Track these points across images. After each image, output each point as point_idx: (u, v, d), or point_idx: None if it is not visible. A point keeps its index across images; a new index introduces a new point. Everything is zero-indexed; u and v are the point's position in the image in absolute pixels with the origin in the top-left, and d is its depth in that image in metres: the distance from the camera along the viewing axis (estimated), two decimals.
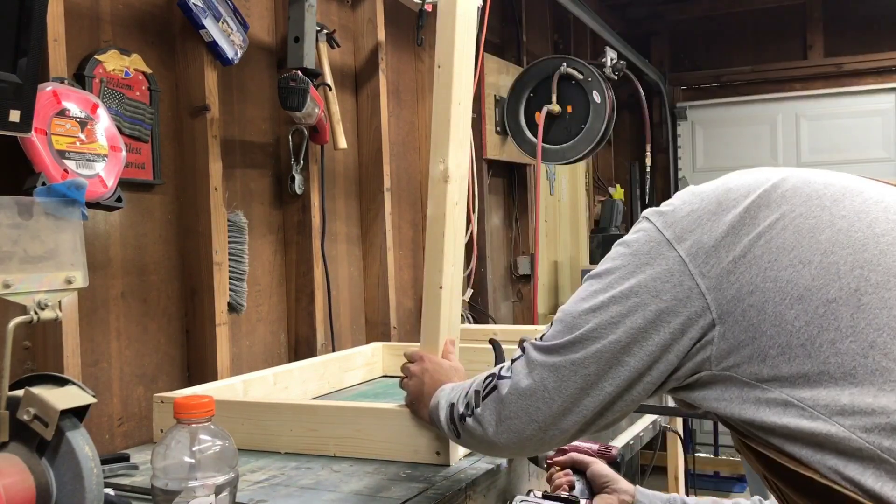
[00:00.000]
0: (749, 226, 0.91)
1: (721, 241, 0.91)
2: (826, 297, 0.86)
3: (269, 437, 1.56)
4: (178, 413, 1.10)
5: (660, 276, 0.93)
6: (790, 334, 0.87)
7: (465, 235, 3.10)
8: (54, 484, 1.03)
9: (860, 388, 0.84)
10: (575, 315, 1.00)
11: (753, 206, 0.92)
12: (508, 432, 1.08)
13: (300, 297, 2.31)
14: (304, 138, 2.27)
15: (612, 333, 0.96)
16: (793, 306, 0.87)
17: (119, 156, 1.64)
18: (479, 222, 3.26)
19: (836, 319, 0.85)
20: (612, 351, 0.97)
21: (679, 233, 0.94)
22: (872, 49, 5.04)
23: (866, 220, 0.90)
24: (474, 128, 3.27)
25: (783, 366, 0.87)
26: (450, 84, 1.48)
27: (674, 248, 0.94)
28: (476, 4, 1.54)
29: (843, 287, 0.86)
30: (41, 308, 1.08)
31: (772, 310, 0.88)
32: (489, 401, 1.11)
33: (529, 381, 1.04)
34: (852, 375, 0.84)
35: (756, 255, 0.90)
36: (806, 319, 0.86)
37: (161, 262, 1.90)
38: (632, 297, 0.95)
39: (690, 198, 0.97)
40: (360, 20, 2.64)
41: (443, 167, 1.48)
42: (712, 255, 0.91)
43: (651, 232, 0.96)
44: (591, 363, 0.98)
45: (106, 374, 1.75)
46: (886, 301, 0.85)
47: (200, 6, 1.88)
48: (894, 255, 0.87)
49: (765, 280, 0.88)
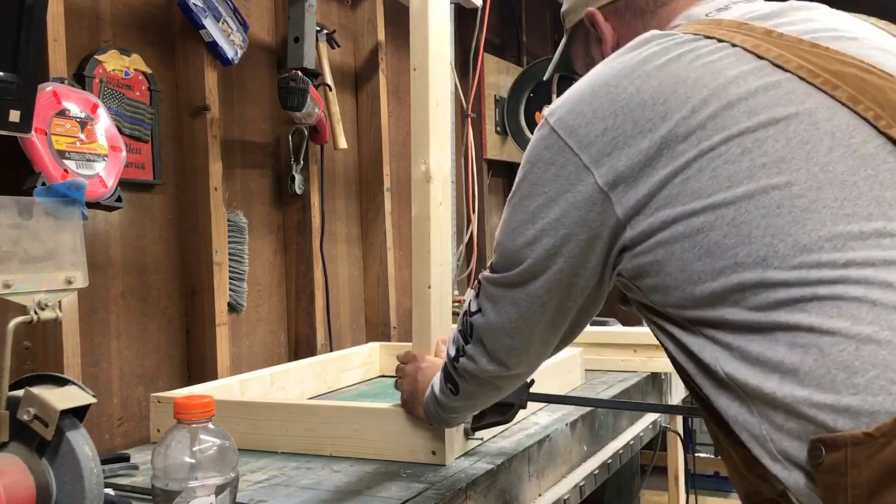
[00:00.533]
0: (666, 158, 0.88)
1: (638, 172, 0.89)
2: (735, 260, 0.85)
3: (266, 436, 1.56)
4: (179, 413, 1.10)
5: (582, 204, 0.94)
6: (695, 284, 0.88)
7: (465, 235, 3.11)
8: (54, 484, 1.03)
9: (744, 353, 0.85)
10: (513, 250, 1.02)
11: (671, 137, 0.88)
12: (498, 362, 1.12)
13: (300, 297, 2.31)
14: (304, 138, 2.27)
15: (554, 264, 0.99)
16: (701, 258, 0.87)
17: (119, 156, 1.64)
18: (479, 222, 3.26)
19: (741, 284, 0.84)
20: (559, 278, 1.00)
21: (596, 157, 0.92)
22: None
23: (786, 173, 0.84)
24: (474, 128, 3.27)
25: (687, 307, 0.89)
26: (426, 86, 1.49)
27: (591, 172, 0.92)
28: (448, 5, 1.56)
29: (751, 253, 0.84)
30: (41, 308, 1.08)
31: (679, 254, 0.88)
32: (472, 336, 1.13)
33: (495, 314, 1.07)
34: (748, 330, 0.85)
35: (670, 193, 0.88)
36: (712, 275, 0.86)
37: (161, 262, 1.90)
38: (561, 228, 0.97)
39: (599, 107, 0.93)
40: (360, 20, 2.64)
41: (424, 168, 1.50)
42: (630, 185, 0.90)
43: (566, 152, 0.95)
44: (544, 293, 1.02)
45: (106, 374, 1.75)
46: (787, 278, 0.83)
47: (200, 6, 1.88)
48: (806, 224, 0.82)
49: (676, 222, 0.88)
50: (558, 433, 1.66)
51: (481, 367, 1.14)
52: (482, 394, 1.23)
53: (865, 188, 0.83)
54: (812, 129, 0.85)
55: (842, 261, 0.81)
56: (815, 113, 0.86)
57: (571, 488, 1.64)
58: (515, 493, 1.49)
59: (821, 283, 0.81)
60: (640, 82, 0.92)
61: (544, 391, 1.58)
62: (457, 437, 1.47)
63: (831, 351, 0.79)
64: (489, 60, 3.48)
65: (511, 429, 1.65)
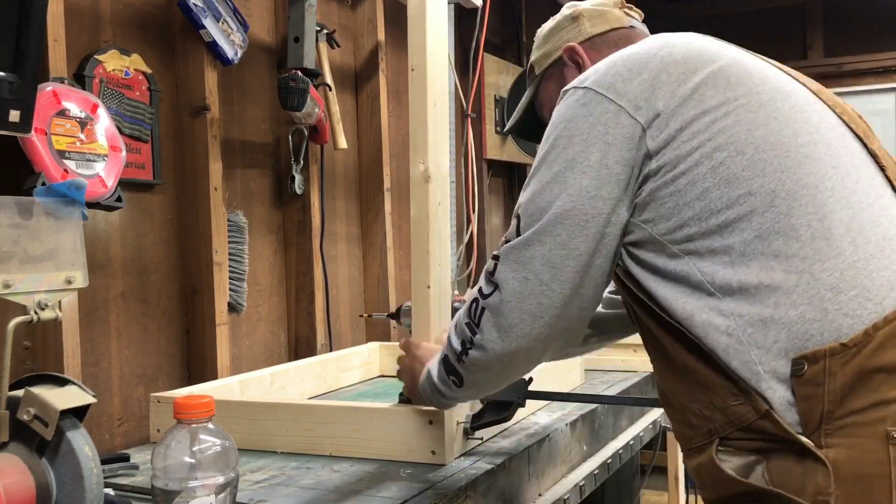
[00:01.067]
0: (696, 101, 1.02)
1: (673, 111, 1.01)
2: (749, 189, 0.98)
3: (265, 436, 1.56)
4: (179, 413, 1.10)
5: (624, 143, 1.02)
6: (710, 212, 0.99)
7: (465, 235, 3.11)
8: (54, 484, 1.03)
9: (748, 277, 0.96)
10: (547, 199, 1.04)
11: (703, 85, 1.03)
12: (516, 339, 1.07)
13: (300, 297, 2.31)
14: (304, 138, 2.27)
15: (592, 207, 1.02)
16: (720, 187, 0.99)
17: (119, 156, 1.64)
18: (479, 222, 3.26)
19: (751, 213, 0.97)
20: (597, 225, 1.03)
21: (634, 101, 1.03)
22: (872, 49, 5.04)
23: (793, 126, 1.02)
24: (474, 128, 3.27)
25: (696, 237, 0.99)
26: (424, 86, 1.50)
27: (631, 115, 1.02)
28: (446, 6, 1.56)
29: (763, 185, 0.98)
30: (41, 308, 1.08)
31: (700, 184, 0.99)
32: (484, 321, 1.09)
33: (520, 282, 1.05)
34: (746, 265, 0.97)
35: (698, 129, 1.00)
36: (727, 202, 0.98)
37: (161, 262, 1.90)
38: (602, 168, 1.02)
39: (637, 67, 1.05)
40: (360, 20, 2.64)
41: (423, 168, 1.50)
42: (663, 121, 1.01)
43: (605, 103, 1.04)
44: (580, 242, 1.03)
45: (106, 374, 1.75)
46: (791, 209, 0.97)
47: (200, 6, 1.88)
48: (807, 167, 0.99)
49: (701, 154, 1.00)
50: (558, 433, 1.66)
51: (495, 352, 1.09)
52: (488, 382, 1.21)
53: (843, 153, 1.03)
54: (806, 104, 1.06)
55: (831, 200, 0.98)
56: (806, 95, 1.08)
57: (571, 488, 1.64)
58: (515, 493, 1.49)
59: (815, 216, 0.96)
60: (670, 49, 1.07)
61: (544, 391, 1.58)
62: (457, 437, 1.47)
63: (821, 275, 0.95)
64: (489, 60, 3.48)
65: (511, 429, 1.65)
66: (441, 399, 1.28)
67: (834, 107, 1.09)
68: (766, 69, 1.09)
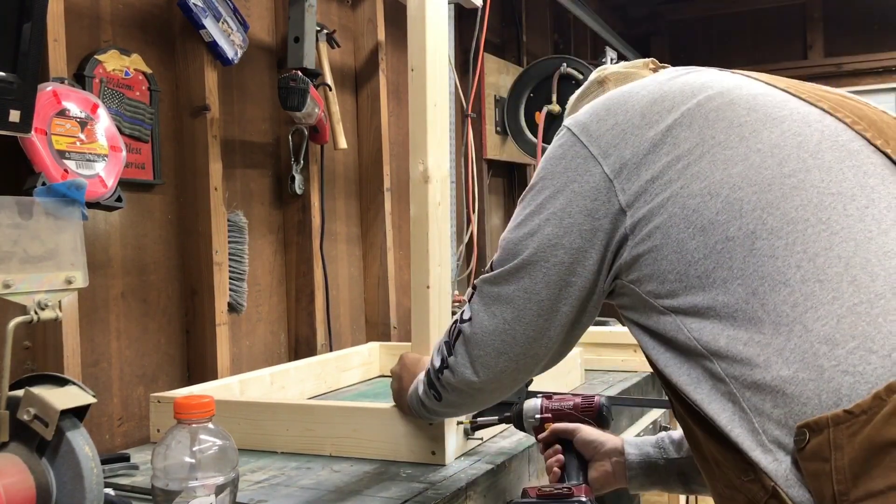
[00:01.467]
0: (669, 146, 0.94)
1: (642, 159, 0.95)
2: (726, 234, 0.88)
3: (265, 436, 1.56)
4: (179, 413, 1.10)
5: (589, 193, 0.98)
6: (689, 264, 0.90)
7: (465, 235, 3.11)
8: (54, 484, 1.03)
9: (736, 333, 0.86)
10: (515, 241, 1.04)
11: (676, 126, 0.95)
12: (484, 369, 1.10)
13: (300, 297, 2.31)
14: (304, 138, 2.27)
15: (553, 255, 1.01)
16: (695, 237, 0.90)
17: (119, 156, 1.64)
18: (479, 222, 3.26)
19: (731, 259, 0.87)
20: (558, 273, 1.01)
21: (604, 147, 0.98)
22: (872, 49, 5.04)
23: (779, 156, 0.90)
24: (474, 128, 3.27)
25: (679, 292, 0.91)
26: (424, 87, 1.50)
27: (599, 163, 0.98)
28: (446, 6, 1.56)
29: (742, 227, 0.88)
30: (41, 308, 1.08)
31: (676, 235, 0.91)
32: (458, 345, 1.12)
33: (488, 316, 1.07)
34: (733, 318, 0.86)
35: (671, 178, 0.93)
36: (705, 252, 0.89)
37: (161, 262, 1.90)
38: (565, 217, 0.99)
39: (613, 106, 1.01)
40: (360, 20, 2.64)
41: (422, 168, 1.50)
42: (633, 172, 0.95)
43: (577, 147, 1.00)
44: (542, 288, 1.02)
45: (106, 374, 1.75)
46: (775, 249, 0.86)
47: (200, 6, 1.88)
48: (794, 200, 0.87)
49: (674, 205, 0.92)
50: None
51: (465, 378, 1.12)
52: (464, 404, 1.24)
53: (850, 174, 0.88)
54: (804, 126, 0.93)
55: (825, 234, 0.85)
56: (807, 116, 0.95)
57: None
58: (515, 493, 1.49)
59: (804, 255, 0.84)
60: (653, 88, 1.01)
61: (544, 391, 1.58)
62: (457, 437, 1.47)
63: (814, 326, 0.81)
64: (489, 60, 3.48)
65: (511, 428, 1.65)
66: (424, 411, 1.30)
67: (854, 123, 0.94)
68: (757, 97, 0.97)
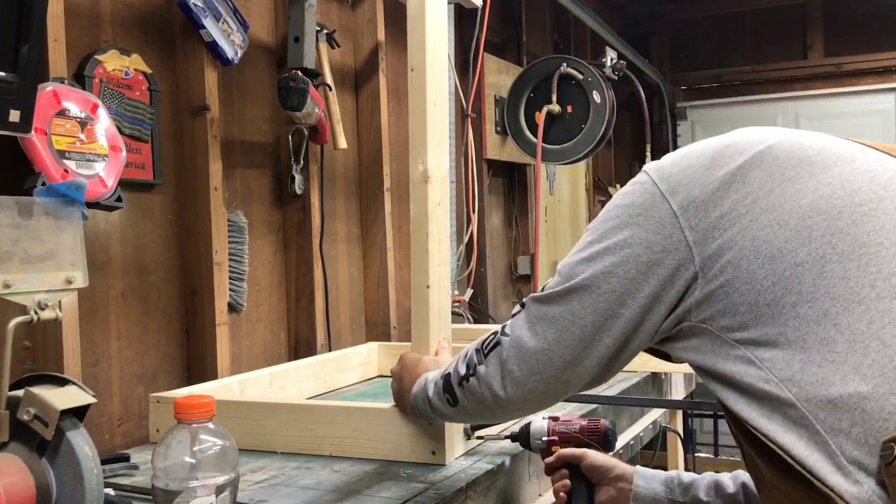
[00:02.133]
0: (738, 183, 0.95)
1: (711, 197, 0.96)
2: (794, 261, 0.89)
3: (265, 436, 1.56)
4: (179, 413, 1.10)
5: (652, 227, 0.98)
6: (758, 293, 0.91)
7: (465, 235, 3.11)
8: (54, 484, 1.03)
9: (809, 355, 0.87)
10: (571, 265, 1.04)
11: (746, 166, 0.96)
12: (513, 385, 1.09)
13: (300, 297, 2.31)
14: (304, 138, 2.27)
15: (605, 283, 1.00)
16: (764, 266, 0.91)
17: (119, 156, 1.64)
18: (479, 222, 3.26)
19: (800, 283, 0.89)
20: (608, 301, 1.00)
21: (673, 186, 0.98)
22: (872, 49, 5.04)
23: (849, 188, 0.92)
24: (474, 128, 3.27)
25: (750, 324, 0.91)
26: (423, 87, 1.50)
27: (667, 200, 0.98)
28: (445, 6, 1.56)
29: (811, 252, 0.89)
30: (41, 308, 1.08)
31: (746, 267, 0.92)
32: (492, 356, 1.11)
33: (530, 334, 1.06)
34: (804, 341, 0.87)
35: (740, 212, 0.94)
36: (773, 280, 0.90)
37: (161, 262, 1.90)
38: (625, 247, 0.99)
39: (688, 152, 1.02)
40: (360, 20, 2.64)
41: (422, 168, 1.50)
42: (701, 209, 0.96)
43: (647, 185, 1.01)
44: (588, 314, 1.01)
45: (106, 374, 1.75)
46: (847, 271, 0.88)
47: (200, 6, 1.88)
48: (866, 225, 0.89)
49: (743, 238, 0.92)
50: None
51: (491, 390, 1.11)
52: (479, 415, 1.23)
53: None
54: (875, 165, 0.96)
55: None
56: (878, 157, 0.98)
57: None
58: (515, 493, 1.49)
59: (880, 275, 0.86)
60: (726, 137, 1.03)
61: None
62: (457, 437, 1.47)
63: (893, 341, 0.84)
64: (489, 60, 3.48)
65: (511, 429, 1.65)
66: (430, 412, 1.29)
67: None
68: (825, 139, 1.00)
